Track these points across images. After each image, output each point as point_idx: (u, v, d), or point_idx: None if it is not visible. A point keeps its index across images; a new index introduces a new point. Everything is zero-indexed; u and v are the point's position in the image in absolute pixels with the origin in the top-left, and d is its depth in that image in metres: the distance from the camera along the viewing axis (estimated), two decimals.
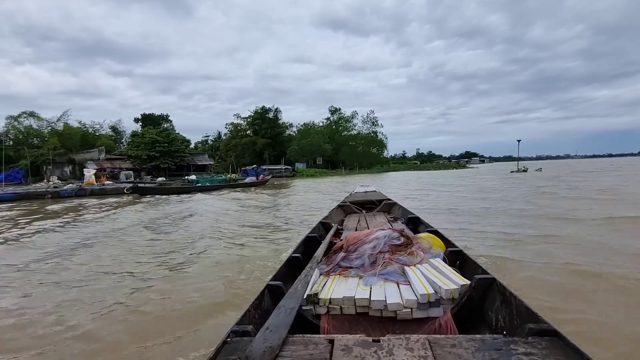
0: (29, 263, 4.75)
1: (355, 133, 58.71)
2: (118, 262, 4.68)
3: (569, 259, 4.08)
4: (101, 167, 39.04)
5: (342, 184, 21.69)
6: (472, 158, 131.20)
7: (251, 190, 16.39)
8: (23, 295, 3.49)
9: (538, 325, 1.28)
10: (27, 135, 46.34)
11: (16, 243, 6.29)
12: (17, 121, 46.63)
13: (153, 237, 6.63)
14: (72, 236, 6.76)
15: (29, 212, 11.10)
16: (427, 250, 2.31)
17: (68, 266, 4.55)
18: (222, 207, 11.13)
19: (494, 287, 1.73)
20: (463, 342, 1.21)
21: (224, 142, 56.04)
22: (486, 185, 17.01)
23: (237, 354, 1.20)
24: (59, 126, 47.54)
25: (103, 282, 3.87)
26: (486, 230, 5.99)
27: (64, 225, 8.24)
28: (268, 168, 41.43)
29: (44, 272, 4.31)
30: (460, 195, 12.55)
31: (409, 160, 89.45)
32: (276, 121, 54.46)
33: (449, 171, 48.96)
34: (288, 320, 1.40)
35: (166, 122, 52.09)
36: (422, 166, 65.58)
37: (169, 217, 9.14)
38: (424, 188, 15.71)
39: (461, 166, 71.78)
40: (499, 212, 8.09)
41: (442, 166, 66.16)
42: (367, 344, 1.21)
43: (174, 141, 40.71)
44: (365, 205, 5.68)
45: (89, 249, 5.57)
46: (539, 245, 4.84)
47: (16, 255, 5.33)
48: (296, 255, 2.56)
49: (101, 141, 46.72)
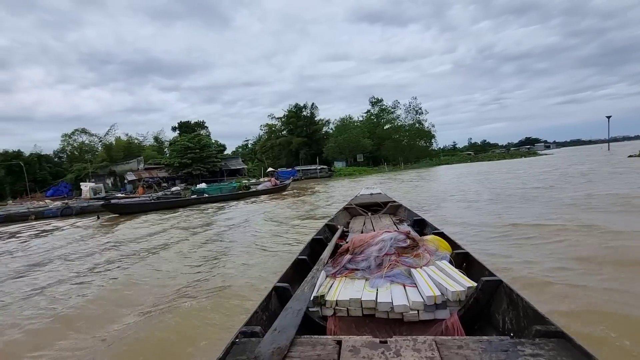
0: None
1: (399, 125, 53.09)
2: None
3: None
4: (139, 177, 39.24)
5: (384, 184, 17.45)
6: (535, 144, 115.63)
7: (258, 201, 13.02)
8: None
9: (545, 327, 1.27)
10: (80, 150, 49.07)
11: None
12: (71, 138, 49.72)
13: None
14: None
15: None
16: (433, 252, 2.29)
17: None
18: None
19: (500, 289, 1.70)
20: (470, 343, 1.21)
21: (260, 144, 54.29)
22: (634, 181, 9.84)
23: (246, 354, 1.22)
24: (108, 140, 49.93)
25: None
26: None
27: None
28: (301, 169, 38.22)
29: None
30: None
31: (460, 151, 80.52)
32: (312, 118, 51.17)
33: (515, 161, 41.27)
34: (296, 322, 1.40)
35: (202, 128, 51.66)
36: (477, 157, 57.64)
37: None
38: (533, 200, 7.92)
39: (530, 154, 61.92)
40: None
41: (502, 156, 57.55)
42: (375, 345, 1.22)
43: (206, 147, 39.42)
44: (371, 207, 5.51)
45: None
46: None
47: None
48: (302, 258, 2.57)
49: (145, 152, 47.80)
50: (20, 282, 4.92)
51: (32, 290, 4.45)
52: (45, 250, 7.25)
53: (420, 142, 53.00)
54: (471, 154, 69.39)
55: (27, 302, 4.00)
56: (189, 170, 37.49)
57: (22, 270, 5.64)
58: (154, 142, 53.48)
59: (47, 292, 4.29)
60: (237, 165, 43.77)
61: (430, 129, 53.62)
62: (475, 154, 68.87)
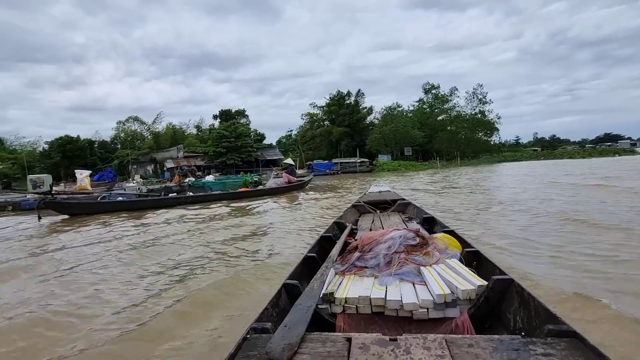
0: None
1: (455, 115, 46.59)
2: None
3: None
4: (178, 165, 39.07)
5: (434, 183, 13.29)
6: (618, 141, 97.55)
7: (252, 205, 9.93)
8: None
9: (557, 326, 1.25)
10: (133, 137, 51.02)
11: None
12: (125, 125, 51.88)
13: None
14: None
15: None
16: (443, 250, 2.25)
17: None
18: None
19: (512, 288, 1.66)
20: (480, 342, 1.19)
21: (300, 134, 51.68)
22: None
23: (257, 350, 1.22)
24: (157, 128, 51.37)
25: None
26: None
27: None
28: (339, 161, 34.62)
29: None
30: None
31: (524, 147, 70.03)
32: (356, 106, 46.96)
33: (604, 160, 33.26)
34: (306, 318, 1.40)
35: (243, 117, 50.47)
36: (547, 154, 48.80)
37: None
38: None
39: (627, 152, 50.92)
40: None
41: (577, 153, 48.13)
42: (384, 343, 1.21)
43: (242, 136, 37.74)
44: (380, 205, 5.35)
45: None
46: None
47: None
48: (311, 255, 2.55)
49: (187, 140, 48.15)
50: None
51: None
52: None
53: (480, 135, 46.08)
54: (537, 150, 59.84)
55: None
56: (223, 160, 36.16)
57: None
58: (195, 131, 53.82)
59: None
60: (274, 155, 41.64)
61: (495, 120, 46.35)
62: (542, 150, 59.32)
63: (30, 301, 3.29)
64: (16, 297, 3.44)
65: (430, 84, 49.26)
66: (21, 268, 4.60)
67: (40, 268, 4.53)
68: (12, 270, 4.50)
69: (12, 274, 4.33)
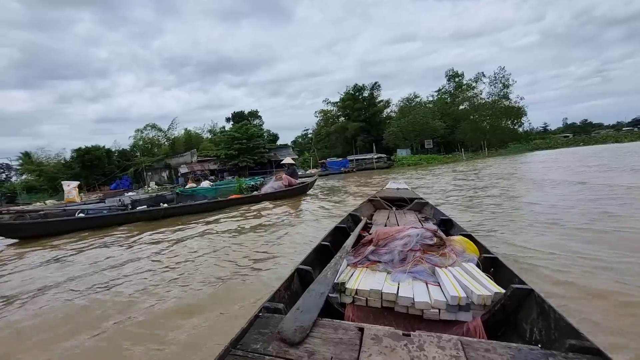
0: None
1: (479, 103, 43.37)
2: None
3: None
4: (192, 170, 38.65)
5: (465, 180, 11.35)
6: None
7: (235, 216, 8.30)
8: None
9: (580, 342, 1.17)
10: (151, 144, 51.44)
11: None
12: (143, 133, 52.39)
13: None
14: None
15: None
16: (460, 253, 2.17)
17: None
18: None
19: (531, 298, 1.57)
20: (498, 348, 1.16)
21: (315, 133, 50.19)
22: None
23: (269, 328, 1.25)
24: (172, 134, 51.52)
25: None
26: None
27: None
28: (355, 158, 32.74)
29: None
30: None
31: (553, 133, 64.82)
32: (372, 100, 44.77)
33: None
34: (318, 304, 1.40)
35: (256, 118, 49.59)
36: (582, 139, 44.38)
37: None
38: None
39: None
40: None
41: (624, 137, 43.35)
42: (397, 337, 1.20)
43: (254, 137, 36.69)
44: (396, 202, 5.22)
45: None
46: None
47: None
48: (325, 244, 2.56)
49: (202, 144, 47.88)
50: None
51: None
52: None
53: (506, 123, 42.63)
54: (568, 136, 55.01)
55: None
56: (235, 162, 35.28)
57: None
58: (209, 135, 53.57)
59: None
60: (288, 155, 40.36)
61: (522, 106, 42.72)
62: (573, 136, 54.47)
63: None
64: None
65: (454, 71, 46.23)
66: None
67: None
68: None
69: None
